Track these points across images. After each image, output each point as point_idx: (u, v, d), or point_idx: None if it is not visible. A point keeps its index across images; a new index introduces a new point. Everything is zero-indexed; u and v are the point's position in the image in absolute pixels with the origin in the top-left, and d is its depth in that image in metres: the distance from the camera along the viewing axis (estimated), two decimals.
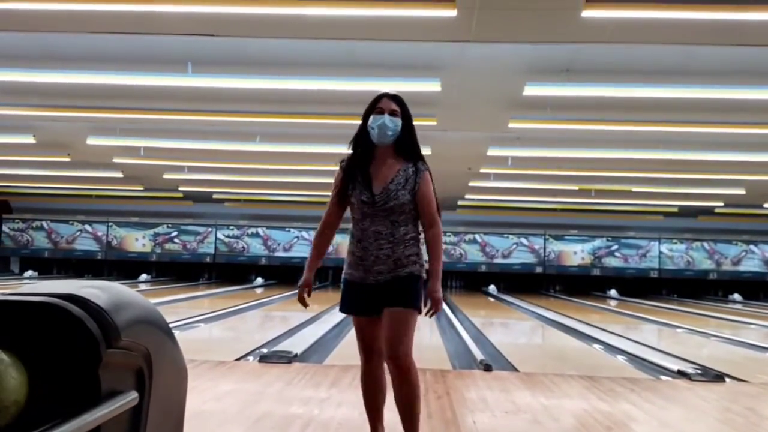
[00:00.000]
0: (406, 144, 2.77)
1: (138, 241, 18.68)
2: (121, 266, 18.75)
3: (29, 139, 10.36)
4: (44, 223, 18.73)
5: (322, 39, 5.98)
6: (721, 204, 15.40)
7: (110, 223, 18.69)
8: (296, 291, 2.81)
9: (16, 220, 18.77)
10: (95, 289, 1.70)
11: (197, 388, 3.97)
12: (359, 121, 2.76)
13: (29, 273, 17.98)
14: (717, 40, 5.75)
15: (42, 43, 6.74)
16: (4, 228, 18.71)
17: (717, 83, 6.90)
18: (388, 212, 2.69)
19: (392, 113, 2.72)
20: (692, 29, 5.48)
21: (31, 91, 7.98)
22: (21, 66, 7.06)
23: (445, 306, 11.91)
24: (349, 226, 2.82)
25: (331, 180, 2.85)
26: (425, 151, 2.67)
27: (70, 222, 18.75)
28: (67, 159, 12.21)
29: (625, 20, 5.31)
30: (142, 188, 15.91)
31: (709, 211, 16.66)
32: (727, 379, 5.07)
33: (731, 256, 18.31)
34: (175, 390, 1.85)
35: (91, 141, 10.28)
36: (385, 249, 2.69)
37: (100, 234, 18.72)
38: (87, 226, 18.74)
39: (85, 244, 18.73)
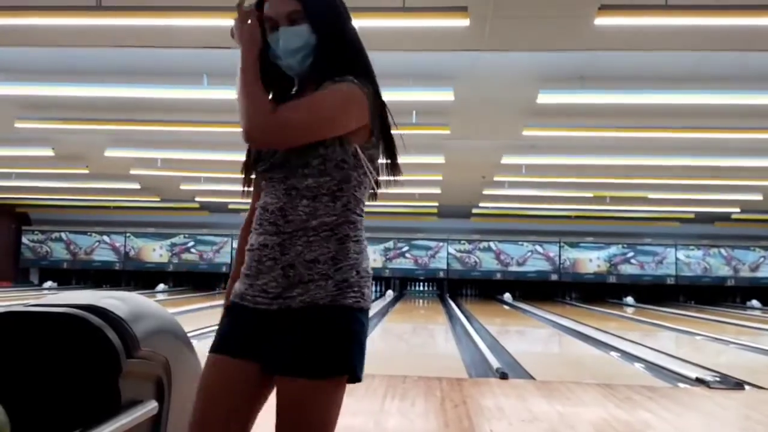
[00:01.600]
0: (330, 64, 1.56)
1: (155, 252, 18.82)
2: (138, 277, 18.90)
3: (48, 152, 10.50)
4: (63, 235, 18.93)
5: None
6: (738, 210, 15.26)
7: (128, 234, 18.85)
8: None
9: (36, 232, 18.98)
10: (115, 300, 1.74)
11: None
12: None
13: (48, 284, 18.16)
14: (730, 45, 5.72)
15: (59, 57, 6.83)
16: (24, 239, 18.93)
17: (731, 89, 6.87)
18: (286, 171, 1.51)
19: (291, 20, 1.54)
20: (705, 35, 5.46)
21: (49, 104, 8.11)
22: (40, 80, 7.16)
23: (460, 314, 11.89)
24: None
25: None
26: (437, 159, 1.63)
27: (89, 233, 18.93)
28: (86, 171, 12.35)
29: (638, 27, 5.30)
30: (159, 199, 16.04)
31: (725, 217, 16.50)
32: (747, 387, 5.02)
33: (749, 262, 18.11)
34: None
35: (109, 153, 10.39)
36: (270, 245, 1.49)
37: (117, 245, 18.89)
38: (105, 237, 18.92)
39: (103, 254, 18.90)
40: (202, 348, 1.73)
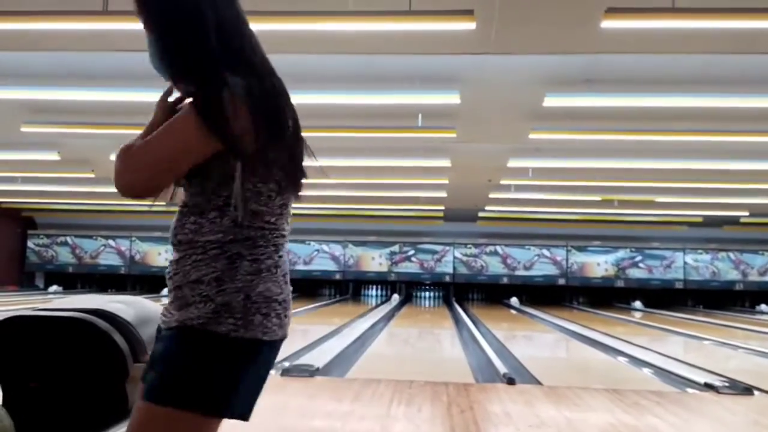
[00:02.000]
0: (182, 66, 1.47)
1: (161, 256, 18.85)
2: (144, 281, 18.91)
3: (54, 156, 10.54)
4: (68, 239, 19.00)
5: (342, 53, 6.02)
6: (747, 213, 15.20)
7: (133, 238, 18.91)
8: (317, 305, 1.73)
9: (41, 236, 19.06)
10: (122, 304, 1.73)
11: None
12: (379, 134, 1.75)
13: (54, 288, 18.22)
14: (738, 48, 5.70)
15: (66, 62, 6.86)
16: (29, 243, 19.00)
17: (739, 92, 6.84)
18: (184, 190, 1.52)
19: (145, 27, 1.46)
20: (713, 38, 5.44)
21: (55, 108, 8.14)
22: (46, 84, 7.19)
23: (466, 319, 11.85)
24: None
25: (352, 193, 1.92)
26: (443, 162, 1.62)
27: (94, 237, 19.00)
28: (91, 175, 12.38)
29: (644, 30, 5.29)
30: (163, 203, 16.07)
31: (734, 221, 16.44)
32: (756, 392, 4.97)
33: (758, 266, 18.03)
34: None
35: (115, 157, 10.42)
36: (171, 263, 1.48)
37: (123, 249, 18.94)
38: (110, 241, 18.98)
39: (108, 258, 18.96)
40: None
